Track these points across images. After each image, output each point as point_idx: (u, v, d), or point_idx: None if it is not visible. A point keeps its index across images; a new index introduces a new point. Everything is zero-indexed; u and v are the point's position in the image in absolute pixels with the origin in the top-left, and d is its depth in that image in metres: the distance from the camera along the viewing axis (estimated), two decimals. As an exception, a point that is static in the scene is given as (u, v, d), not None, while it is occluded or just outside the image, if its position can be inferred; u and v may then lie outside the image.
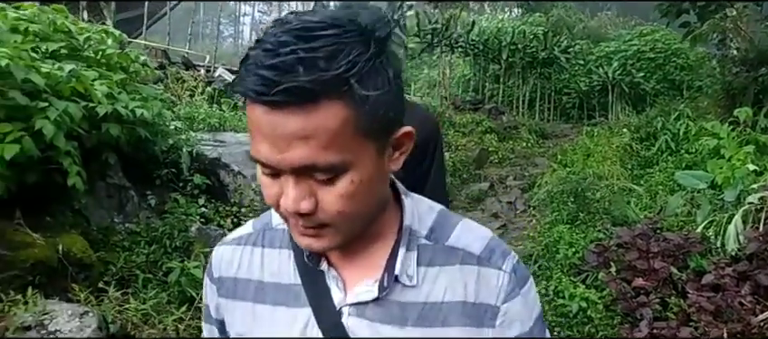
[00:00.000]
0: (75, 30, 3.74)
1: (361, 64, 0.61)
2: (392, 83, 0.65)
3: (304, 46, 0.59)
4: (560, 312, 3.68)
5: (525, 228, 5.63)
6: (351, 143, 0.63)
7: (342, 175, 0.64)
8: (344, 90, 0.60)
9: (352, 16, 0.64)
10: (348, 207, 0.66)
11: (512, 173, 7.80)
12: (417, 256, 0.76)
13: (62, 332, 2.21)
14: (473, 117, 9.96)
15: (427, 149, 1.89)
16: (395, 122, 0.68)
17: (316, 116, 0.60)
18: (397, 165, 0.72)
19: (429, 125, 1.91)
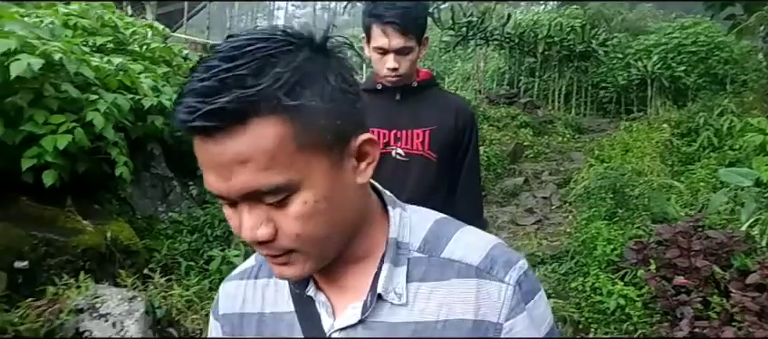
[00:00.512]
0: (121, 25, 3.87)
1: (289, 75, 0.57)
2: (337, 90, 0.61)
3: (227, 66, 0.56)
4: (597, 308, 3.64)
5: (561, 224, 5.56)
6: (295, 161, 0.59)
7: (293, 196, 0.60)
8: (274, 105, 0.56)
9: (288, 27, 0.62)
10: (306, 229, 0.62)
11: (547, 168, 7.70)
12: (407, 272, 0.70)
13: (113, 315, 2.31)
14: (507, 111, 9.86)
15: (462, 138, 1.89)
16: (346, 131, 0.63)
17: (248, 137, 0.56)
18: (365, 177, 0.66)
19: (465, 115, 1.91)
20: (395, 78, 1.78)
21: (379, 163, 1.89)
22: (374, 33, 1.74)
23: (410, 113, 1.84)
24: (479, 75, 12.34)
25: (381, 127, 1.83)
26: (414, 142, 1.83)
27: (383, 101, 1.86)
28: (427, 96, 1.88)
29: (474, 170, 1.96)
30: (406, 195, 1.73)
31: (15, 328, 2.18)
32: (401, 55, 1.74)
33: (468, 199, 1.95)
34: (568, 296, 3.92)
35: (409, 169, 1.82)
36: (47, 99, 2.75)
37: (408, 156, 1.83)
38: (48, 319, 2.26)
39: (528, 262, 0.74)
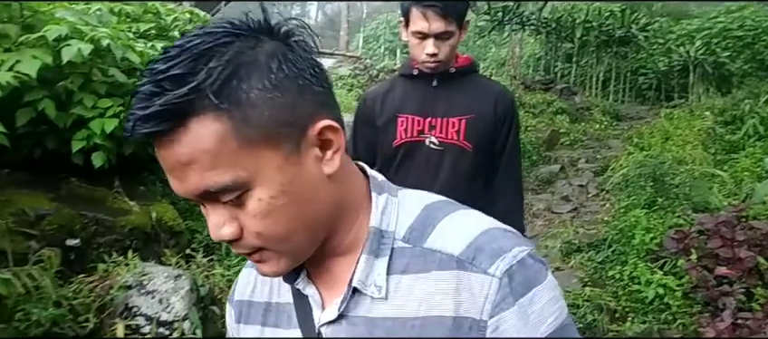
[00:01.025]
0: (163, 12, 3.96)
1: (222, 68, 0.54)
2: (284, 77, 0.58)
3: (164, 67, 0.54)
4: (635, 297, 3.59)
5: (598, 212, 5.48)
6: (240, 158, 0.56)
7: (248, 194, 0.58)
8: (208, 102, 0.54)
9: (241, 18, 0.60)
10: (266, 227, 0.59)
11: (584, 155, 7.57)
12: (389, 263, 0.65)
13: (160, 292, 2.40)
14: (543, 97, 9.71)
15: (503, 124, 1.83)
16: (300, 121, 0.59)
17: (189, 138, 0.55)
18: (332, 166, 0.62)
19: (504, 102, 1.84)
20: (434, 64, 1.73)
21: (413, 151, 1.73)
22: (413, 17, 1.69)
23: (447, 101, 1.78)
24: (514, 61, 12.18)
25: (416, 114, 1.78)
26: (449, 131, 1.77)
27: (419, 88, 1.81)
28: (465, 83, 1.82)
29: (513, 161, 1.89)
30: (438, 185, 1.72)
31: (70, 302, 2.28)
32: (441, 40, 1.69)
33: (507, 192, 1.87)
34: (605, 285, 3.87)
35: (443, 158, 1.77)
36: (95, 83, 2.85)
37: (442, 145, 1.78)
38: (99, 294, 2.37)
39: (540, 252, 0.66)
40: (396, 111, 1.81)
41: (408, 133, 1.79)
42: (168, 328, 2.37)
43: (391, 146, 1.81)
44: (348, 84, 7.74)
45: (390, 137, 1.81)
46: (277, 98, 0.57)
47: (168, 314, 2.37)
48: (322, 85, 0.62)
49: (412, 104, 1.80)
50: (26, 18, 2.85)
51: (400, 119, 1.79)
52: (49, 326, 2.17)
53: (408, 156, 1.80)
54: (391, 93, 1.86)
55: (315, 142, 0.60)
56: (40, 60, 2.53)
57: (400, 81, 1.89)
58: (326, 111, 0.62)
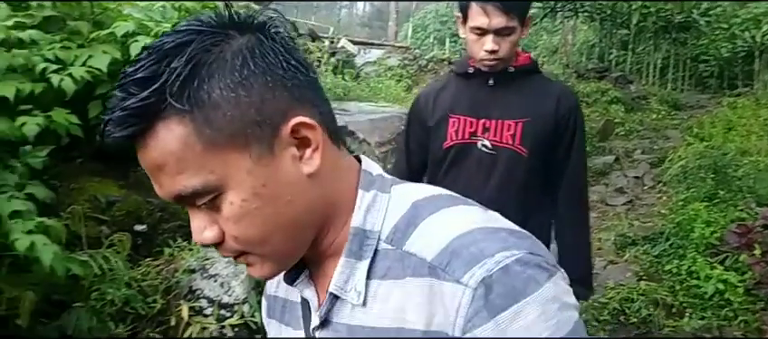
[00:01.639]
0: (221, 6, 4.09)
1: (181, 68, 0.52)
2: (251, 74, 0.55)
3: (132, 70, 0.53)
4: (693, 293, 3.50)
5: (654, 205, 5.33)
6: (207, 161, 0.54)
7: (220, 197, 0.55)
8: (169, 104, 0.52)
9: (202, 16, 0.58)
10: (241, 231, 0.57)
11: (640, 146, 7.36)
12: (370, 266, 0.60)
13: (221, 276, 2.52)
14: (597, 86, 9.46)
15: (566, 127, 1.68)
16: (271, 119, 0.56)
17: (157, 142, 0.54)
18: (312, 165, 0.58)
19: (567, 104, 1.69)
20: (493, 61, 1.62)
21: (463, 154, 1.67)
22: (472, 12, 1.59)
23: (503, 102, 1.67)
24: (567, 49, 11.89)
25: (469, 115, 1.68)
26: (503, 134, 1.66)
27: (474, 87, 1.71)
28: (524, 83, 1.70)
29: (578, 172, 1.73)
30: (489, 192, 1.64)
31: (139, 283, 2.43)
32: (501, 36, 1.58)
33: (570, 206, 1.73)
34: (661, 279, 3.78)
35: (495, 163, 1.67)
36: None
37: (495, 149, 1.66)
38: (165, 277, 2.51)
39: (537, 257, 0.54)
40: (447, 111, 1.72)
41: (460, 135, 1.69)
42: (228, 310, 2.48)
43: (441, 148, 1.72)
44: (397, 75, 7.76)
45: (441, 138, 1.72)
46: (242, 97, 0.54)
47: (229, 297, 2.48)
48: (299, 79, 0.58)
49: (465, 104, 1.70)
50: (96, 16, 3.02)
51: (452, 119, 1.70)
52: (120, 306, 2.32)
53: (459, 159, 1.71)
54: (444, 92, 1.78)
55: (291, 141, 0.57)
56: (110, 55, 2.68)
57: (454, 79, 1.81)
58: (302, 106, 0.58)
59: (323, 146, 0.59)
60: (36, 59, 2.57)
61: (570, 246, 1.72)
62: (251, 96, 0.55)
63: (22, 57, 2.53)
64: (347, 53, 7.74)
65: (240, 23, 0.58)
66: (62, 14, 2.97)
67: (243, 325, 2.49)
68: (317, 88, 0.61)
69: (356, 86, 6.36)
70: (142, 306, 2.34)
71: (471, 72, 1.71)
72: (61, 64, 2.61)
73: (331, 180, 0.61)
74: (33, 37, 2.65)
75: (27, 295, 1.97)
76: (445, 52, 10.93)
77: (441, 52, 10.77)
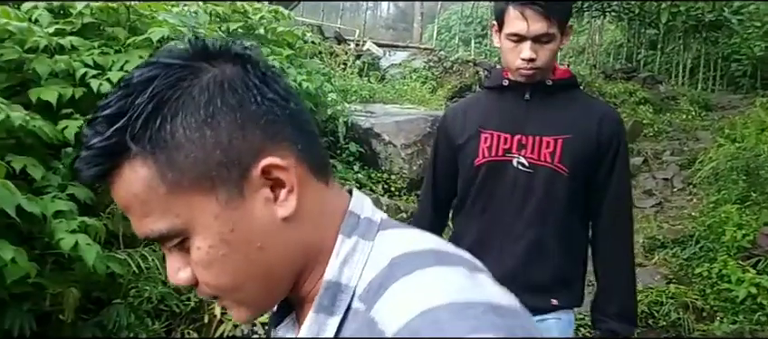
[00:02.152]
0: (251, 11, 4.18)
1: (144, 106, 0.50)
2: (218, 111, 0.51)
3: (102, 105, 0.51)
4: (724, 296, 3.45)
5: (684, 207, 5.25)
6: (171, 204, 0.51)
7: (189, 241, 0.53)
8: (132, 144, 0.50)
9: (176, 47, 0.55)
10: (210, 277, 0.54)
11: (669, 148, 7.24)
12: (340, 325, 0.54)
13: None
14: (625, 87, 9.33)
15: (607, 151, 1.55)
16: (240, 160, 0.52)
17: (123, 183, 0.52)
18: (287, 208, 0.53)
19: (610, 123, 1.57)
20: (530, 71, 1.50)
21: (497, 173, 1.60)
22: (509, 17, 1.47)
23: (540, 117, 1.55)
24: (594, 49, 11.76)
25: (503, 130, 1.56)
26: (541, 151, 1.53)
27: (509, 101, 1.59)
28: (563, 98, 1.58)
29: (622, 198, 1.59)
30: (527, 215, 1.54)
31: (173, 282, 2.51)
32: (540, 44, 1.47)
33: (613, 236, 1.59)
34: (691, 283, 3.74)
35: (533, 183, 1.54)
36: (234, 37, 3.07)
37: (532, 167, 1.54)
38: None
39: None
40: (479, 126, 1.59)
41: (493, 152, 1.57)
42: (259, 309, 2.55)
43: (472, 165, 1.60)
44: (422, 77, 7.78)
45: (471, 155, 1.60)
46: (207, 137, 0.51)
47: (259, 296, 2.55)
48: (275, 114, 0.54)
49: (499, 119, 1.59)
50: (132, 22, 3.12)
51: (484, 135, 1.58)
52: (156, 303, 2.40)
53: (492, 178, 1.58)
54: (475, 107, 1.68)
55: (263, 182, 0.53)
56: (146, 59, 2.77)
57: (486, 94, 1.70)
58: (277, 145, 0.53)
59: (301, 186, 0.54)
60: (76, 64, 2.67)
61: (612, 278, 1.58)
62: (217, 136, 0.51)
63: (63, 63, 2.64)
64: (372, 55, 7.79)
65: (212, 54, 0.54)
66: (100, 20, 3.08)
67: (273, 323, 2.55)
68: (300, 121, 0.57)
69: (381, 88, 6.40)
70: (177, 304, 2.41)
71: (505, 85, 1.59)
72: (99, 69, 2.71)
73: (311, 223, 0.56)
74: (73, 43, 2.75)
75: (71, 291, 2.05)
76: (470, 53, 10.91)
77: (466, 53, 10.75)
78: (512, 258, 1.54)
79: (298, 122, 0.57)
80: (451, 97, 7.09)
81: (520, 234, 1.55)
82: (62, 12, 3.08)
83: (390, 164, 4.63)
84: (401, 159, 4.62)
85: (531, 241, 1.54)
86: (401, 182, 4.47)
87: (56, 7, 3.02)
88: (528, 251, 1.54)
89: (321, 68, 4.61)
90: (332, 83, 4.78)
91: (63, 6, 3.00)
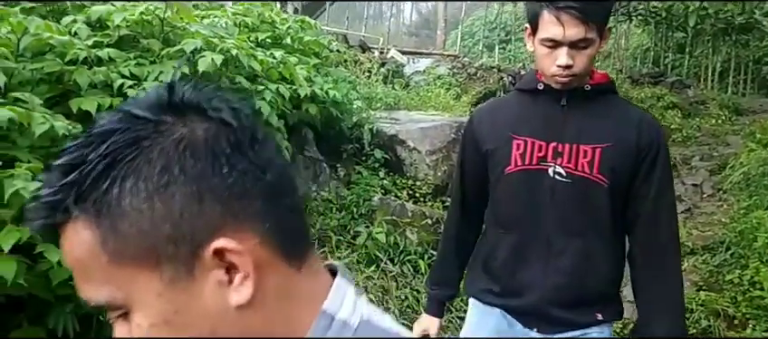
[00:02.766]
0: (278, 21, 4.27)
1: (93, 166, 0.46)
2: (171, 181, 0.46)
3: (62, 151, 0.49)
4: (756, 304, 3.40)
5: (714, 213, 5.17)
6: (112, 275, 0.47)
7: (130, 316, 0.48)
8: (76, 206, 0.46)
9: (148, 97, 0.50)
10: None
11: (698, 153, 7.13)
12: None
13: (282, 279, 2.64)
14: (652, 91, 9.21)
15: (644, 160, 1.46)
16: (191, 237, 0.47)
17: (65, 242, 0.48)
18: (242, 295, 0.48)
19: (650, 131, 1.48)
20: (566, 78, 1.42)
21: (531, 183, 1.52)
22: (544, 22, 1.39)
23: (577, 124, 1.47)
24: (619, 53, 11.64)
25: (538, 137, 1.48)
26: (579, 161, 1.44)
27: (544, 106, 1.51)
28: (601, 104, 1.50)
29: (667, 212, 1.48)
30: (568, 226, 1.47)
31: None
32: (577, 49, 1.38)
33: (659, 253, 1.47)
34: (721, 289, 3.68)
35: (570, 194, 1.46)
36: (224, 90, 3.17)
37: (569, 177, 1.45)
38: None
39: None
40: (510, 132, 1.51)
41: (527, 159, 1.48)
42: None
43: (502, 174, 1.51)
44: (446, 83, 7.81)
45: (502, 163, 1.52)
46: (157, 207, 0.46)
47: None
48: (244, 186, 0.49)
49: (533, 124, 1.50)
50: (166, 33, 3.23)
51: (516, 141, 1.50)
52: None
53: (525, 188, 1.50)
54: (505, 110, 1.60)
55: (216, 264, 0.47)
56: (180, 70, 2.87)
57: (518, 97, 1.61)
58: (239, 223, 0.48)
59: (264, 271, 0.49)
60: (114, 75, 2.78)
61: (658, 300, 1.47)
62: (169, 208, 0.46)
63: (101, 74, 2.75)
64: (396, 62, 7.85)
65: (189, 107, 0.49)
66: (135, 33, 3.19)
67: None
68: (275, 194, 0.51)
69: (406, 95, 6.45)
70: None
71: (540, 89, 1.50)
72: (135, 80, 2.81)
73: (277, 312, 0.50)
74: (110, 55, 2.86)
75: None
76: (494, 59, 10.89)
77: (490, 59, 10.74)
78: (557, 273, 1.49)
79: (273, 196, 0.50)
80: (475, 103, 7.10)
81: (562, 247, 1.48)
82: (100, 25, 3.21)
83: (415, 170, 4.66)
84: (426, 165, 4.65)
85: (575, 254, 1.48)
86: (426, 188, 4.50)
87: (94, 20, 3.15)
88: (573, 265, 1.48)
89: (347, 76, 4.68)
90: (358, 91, 4.84)
91: (101, 19, 3.12)
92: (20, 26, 2.61)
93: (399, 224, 3.91)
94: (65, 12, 3.25)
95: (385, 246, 3.57)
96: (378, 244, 3.56)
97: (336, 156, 4.43)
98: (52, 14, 3.34)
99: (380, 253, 3.52)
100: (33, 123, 2.13)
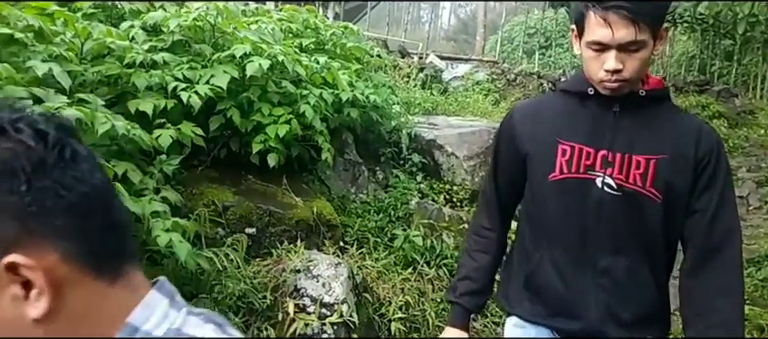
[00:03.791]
0: (322, 27, 4.38)
1: None
2: None
3: None
4: (802, 319, 3.31)
5: (760, 226, 5.04)
6: None
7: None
8: None
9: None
10: None
11: (745, 164, 6.94)
12: None
13: (323, 277, 2.73)
14: (697, 100, 9.00)
15: (702, 173, 1.34)
16: None
17: None
18: (39, 309, 0.50)
19: (708, 141, 1.35)
20: (616, 84, 1.29)
21: (577, 193, 1.39)
22: (590, 23, 1.27)
23: (630, 132, 1.35)
24: (664, 60, 11.38)
25: (586, 144, 1.36)
26: (631, 172, 1.32)
27: (594, 111, 1.38)
28: (656, 112, 1.37)
29: (730, 226, 1.35)
30: (615, 242, 1.35)
31: (251, 280, 2.69)
32: (627, 53, 1.26)
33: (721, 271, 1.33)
34: (766, 304, 3.60)
35: (621, 208, 1.34)
36: (270, 94, 3.29)
37: (620, 189, 1.33)
38: (274, 276, 2.75)
39: None
40: (556, 135, 1.39)
41: (573, 167, 1.36)
42: (329, 309, 2.68)
43: (545, 180, 1.40)
44: (484, 89, 7.81)
45: (545, 168, 1.40)
46: None
47: (329, 297, 2.68)
48: (43, 205, 0.51)
49: (580, 129, 1.38)
50: (217, 39, 3.37)
51: (562, 146, 1.37)
52: (236, 300, 2.58)
53: (570, 199, 1.38)
54: (549, 111, 1.47)
55: (11, 279, 0.50)
56: (229, 74, 3.00)
57: (563, 98, 1.47)
58: (35, 241, 0.50)
59: (68, 286, 0.51)
60: (168, 78, 2.93)
61: (719, 322, 1.31)
62: None
63: (157, 77, 2.90)
64: (435, 68, 7.90)
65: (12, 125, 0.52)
66: (187, 38, 3.35)
67: (341, 324, 2.68)
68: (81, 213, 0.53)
69: (444, 101, 6.50)
70: (255, 301, 2.59)
71: (590, 93, 1.37)
72: (188, 83, 2.96)
73: (76, 325, 0.52)
74: (164, 59, 3.02)
75: (165, 284, 2.26)
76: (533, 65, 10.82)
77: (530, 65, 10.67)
78: (603, 292, 1.38)
79: (79, 214, 0.52)
80: (514, 109, 7.08)
81: (608, 265, 1.37)
82: (154, 29, 3.37)
83: (453, 175, 4.70)
84: (463, 170, 4.69)
85: (623, 273, 1.37)
86: (463, 193, 4.54)
87: (149, 26, 3.31)
88: (620, 284, 1.37)
89: (387, 81, 4.76)
90: (396, 96, 4.92)
91: (156, 25, 3.28)
92: (84, 31, 2.78)
93: (436, 228, 3.95)
94: (123, 17, 3.43)
95: (421, 249, 3.62)
96: (414, 247, 3.61)
97: (374, 159, 4.51)
98: (109, 19, 3.53)
99: (417, 256, 3.58)
100: (97, 123, 2.28)
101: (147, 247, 2.39)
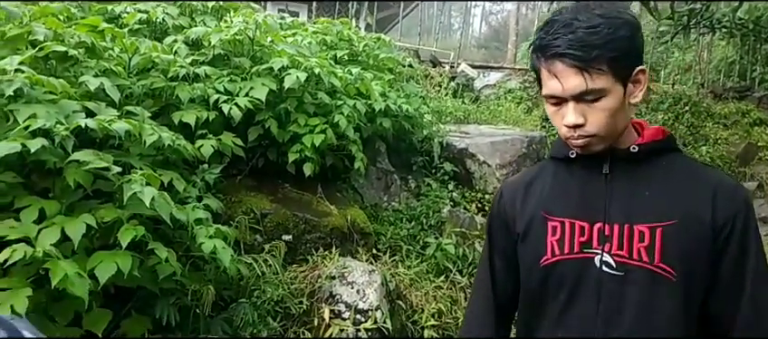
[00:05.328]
0: (356, 39, 4.48)
1: None
2: None
3: None
4: None
5: (803, 237, 4.89)
6: None
7: None
8: None
9: None
10: None
11: (787, 172, 6.75)
12: None
13: (357, 283, 2.80)
14: (737, 106, 8.78)
15: (726, 242, 1.08)
16: None
17: None
18: None
19: (729, 194, 1.10)
20: (581, 140, 1.10)
21: (574, 278, 1.14)
22: (542, 75, 1.10)
23: (627, 197, 1.12)
24: (701, 66, 11.14)
25: (577, 217, 1.14)
26: (634, 246, 1.09)
27: (581, 177, 1.18)
28: (657, 169, 1.14)
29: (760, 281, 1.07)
30: (621, 331, 1.09)
31: (287, 286, 2.78)
32: (586, 104, 1.06)
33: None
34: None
35: (626, 290, 1.09)
36: (306, 104, 3.39)
37: (621, 268, 1.10)
38: (310, 282, 2.83)
39: None
40: (543, 210, 1.19)
41: (566, 247, 1.14)
42: (363, 315, 2.75)
43: (537, 266, 1.18)
44: (516, 98, 7.79)
45: (535, 251, 1.18)
46: None
47: (363, 303, 2.75)
48: None
49: (570, 201, 1.17)
50: (255, 52, 3.49)
51: (551, 223, 1.17)
52: (274, 305, 2.67)
53: (566, 286, 1.15)
54: (537, 183, 1.26)
55: None
56: (267, 87, 3.10)
57: (551, 166, 1.27)
58: None
59: None
60: (210, 91, 3.05)
61: None
62: None
63: (199, 89, 3.03)
64: (467, 76, 7.92)
65: None
66: (227, 51, 3.48)
67: (376, 330, 2.74)
68: None
69: (476, 109, 6.52)
70: (292, 306, 2.67)
71: (573, 157, 1.18)
72: (228, 95, 3.08)
73: None
74: (206, 72, 3.14)
75: (209, 289, 2.36)
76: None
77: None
78: None
79: None
80: (547, 117, 7.04)
81: None
82: (196, 44, 3.52)
83: (485, 184, 4.73)
84: (495, 178, 4.71)
85: None
86: (495, 202, 4.55)
87: (191, 40, 3.46)
88: None
89: (419, 91, 4.82)
90: (428, 105, 4.97)
91: (198, 39, 3.42)
92: (132, 47, 2.93)
93: (468, 236, 3.99)
94: (167, 32, 3.59)
95: (454, 257, 3.66)
96: (447, 255, 3.65)
97: (406, 168, 4.57)
98: (153, 34, 3.70)
99: (449, 264, 3.62)
100: (144, 134, 2.40)
101: (190, 254, 2.50)
